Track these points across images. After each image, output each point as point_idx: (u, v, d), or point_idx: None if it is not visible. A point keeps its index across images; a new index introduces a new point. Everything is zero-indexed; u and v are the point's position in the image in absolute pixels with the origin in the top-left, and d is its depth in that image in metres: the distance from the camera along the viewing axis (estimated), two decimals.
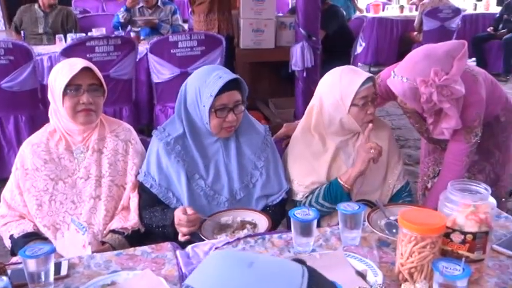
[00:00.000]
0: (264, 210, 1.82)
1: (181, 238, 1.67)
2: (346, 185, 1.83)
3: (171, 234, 1.71)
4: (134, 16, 4.94)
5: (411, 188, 2.04)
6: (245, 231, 1.62)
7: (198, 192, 1.80)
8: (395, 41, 7.33)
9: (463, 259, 1.22)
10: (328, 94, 1.88)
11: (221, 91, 1.70)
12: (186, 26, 5.82)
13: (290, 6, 7.35)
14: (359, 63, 7.06)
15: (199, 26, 4.50)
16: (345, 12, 7.52)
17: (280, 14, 5.59)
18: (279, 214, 1.89)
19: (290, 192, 1.93)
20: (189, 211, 1.65)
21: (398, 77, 1.93)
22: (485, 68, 7.52)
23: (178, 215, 1.66)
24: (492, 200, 1.33)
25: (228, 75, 1.73)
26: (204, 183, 1.81)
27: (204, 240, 1.58)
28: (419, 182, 2.69)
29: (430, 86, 1.86)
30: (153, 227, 1.78)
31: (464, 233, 1.28)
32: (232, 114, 1.75)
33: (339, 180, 1.86)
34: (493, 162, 2.38)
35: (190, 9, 5.41)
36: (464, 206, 1.30)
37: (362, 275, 1.32)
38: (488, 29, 7.49)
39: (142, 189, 1.84)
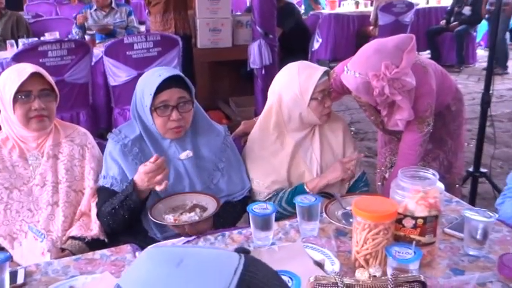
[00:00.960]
0: (225, 206, 1.82)
1: (159, 188, 1.63)
2: (311, 193, 1.82)
3: (137, 204, 1.66)
4: (88, 21, 4.84)
5: (367, 177, 2.08)
6: (192, 214, 1.62)
7: (159, 195, 1.77)
8: (352, 36, 7.47)
9: (414, 243, 1.26)
10: (286, 90, 1.89)
11: (161, 89, 1.69)
12: (143, 28, 5.76)
13: (248, 5, 7.37)
14: (318, 59, 7.16)
15: (155, 26, 4.46)
16: (302, 9, 7.67)
17: (239, 13, 5.62)
18: (240, 210, 1.90)
19: (252, 192, 1.93)
20: (152, 159, 1.61)
21: (351, 72, 1.98)
22: (439, 60, 7.82)
23: (144, 169, 1.61)
24: (440, 185, 1.38)
25: (167, 72, 1.72)
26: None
27: (154, 221, 1.59)
28: (378, 172, 2.76)
29: (381, 79, 1.91)
30: (116, 211, 1.68)
31: (415, 218, 1.33)
32: (176, 112, 1.72)
33: (305, 187, 1.87)
34: (446, 150, 2.46)
35: (147, 10, 5.36)
36: (414, 192, 1.34)
37: (320, 265, 1.36)
38: (441, 22, 7.72)
39: (100, 192, 1.80)
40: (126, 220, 1.71)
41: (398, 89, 1.95)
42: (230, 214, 1.83)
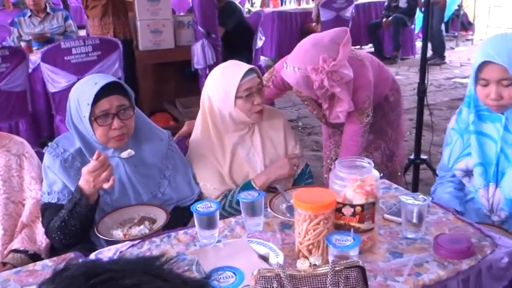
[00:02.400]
0: (175, 212, 1.81)
1: (106, 186, 1.57)
2: (260, 189, 1.79)
3: (87, 210, 1.59)
4: (23, 28, 4.67)
5: (311, 170, 2.12)
6: (141, 227, 1.61)
7: (105, 209, 1.71)
8: (296, 32, 7.56)
9: (352, 230, 1.30)
10: (213, 91, 1.89)
11: (99, 98, 1.62)
12: (83, 33, 5.62)
13: (191, 5, 7.34)
14: (263, 57, 7.22)
15: (94, 30, 4.37)
16: (246, 8, 7.70)
17: (181, 14, 5.58)
18: (190, 215, 1.88)
19: (202, 195, 1.90)
20: (95, 157, 1.56)
21: (290, 67, 2.01)
22: (381, 53, 8.04)
23: (88, 168, 1.55)
24: (376, 173, 1.43)
25: (103, 80, 1.65)
26: (110, 198, 1.73)
27: (100, 237, 1.55)
28: (324, 165, 2.82)
29: (320, 72, 1.95)
30: (66, 223, 1.60)
31: (354, 206, 1.37)
32: (117, 120, 1.66)
33: (252, 183, 1.87)
34: (387, 140, 2.55)
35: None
36: (351, 181, 1.39)
37: (265, 258, 1.38)
38: (383, 20, 7.89)
39: (46, 209, 1.70)
40: (78, 232, 1.63)
41: (337, 81, 2.00)
42: (181, 220, 1.79)
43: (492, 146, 1.79)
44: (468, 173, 1.87)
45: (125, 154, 1.71)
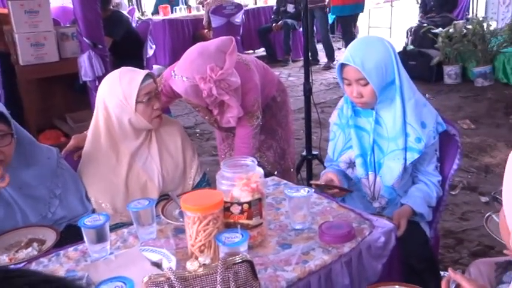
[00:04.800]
0: (68, 229, 1.74)
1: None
2: None
3: None
4: None
5: (209, 177, 2.13)
6: (29, 249, 1.54)
7: None
8: (189, 40, 7.57)
9: (239, 226, 1.35)
10: (110, 98, 1.85)
11: None
12: None
13: (74, 16, 7.06)
14: (156, 66, 7.15)
15: None
16: (136, 17, 7.56)
17: (67, 25, 5.34)
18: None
19: (95, 211, 1.84)
20: None
21: (178, 76, 2.03)
22: (274, 56, 8.29)
23: None
24: (259, 170, 1.49)
25: None
26: None
27: None
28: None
29: (208, 81, 1.99)
30: None
31: (241, 204, 1.42)
32: None
33: None
34: (277, 139, 2.65)
35: None
36: (237, 180, 1.43)
37: (158, 265, 1.38)
38: (273, 25, 8.14)
39: None
40: None
41: (225, 89, 2.05)
42: (74, 237, 1.72)
43: (367, 139, 1.94)
44: (351, 164, 2.01)
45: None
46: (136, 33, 4.86)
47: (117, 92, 1.83)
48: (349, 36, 7.37)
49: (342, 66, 1.85)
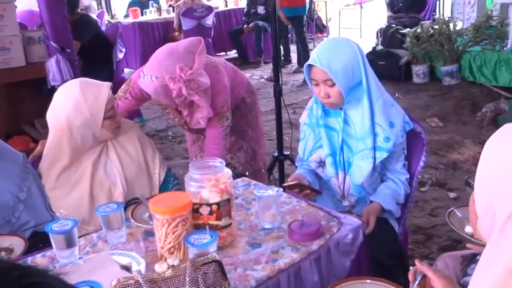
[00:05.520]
0: (33, 237, 1.72)
1: None
2: None
3: None
4: None
5: (174, 173, 2.12)
6: None
7: None
8: (160, 42, 7.50)
9: (207, 227, 1.36)
10: (75, 115, 1.80)
11: None
12: None
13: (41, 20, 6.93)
14: (127, 69, 7.09)
15: None
16: (106, 21, 7.48)
17: (32, 29, 5.25)
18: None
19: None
20: None
21: (147, 77, 2.02)
22: (247, 58, 8.30)
23: None
24: (228, 171, 1.50)
25: None
26: None
27: None
28: None
29: (178, 81, 1.99)
30: None
31: (210, 205, 1.43)
32: None
33: None
34: (248, 140, 2.67)
35: None
36: (206, 181, 1.44)
37: (127, 268, 1.38)
38: (244, 27, 8.15)
39: None
40: None
41: (195, 89, 2.05)
42: (43, 244, 1.70)
43: (337, 138, 1.97)
44: (321, 163, 2.03)
45: None
46: (106, 36, 4.80)
47: (82, 109, 1.79)
48: (300, 37, 7.34)
49: (310, 67, 1.88)
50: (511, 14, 5.42)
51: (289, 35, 8.33)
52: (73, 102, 1.80)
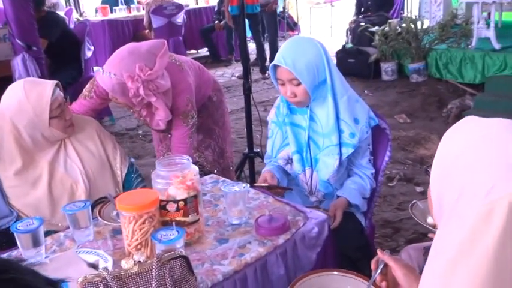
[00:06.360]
0: None
1: None
2: None
3: None
4: None
5: (137, 169, 2.11)
6: None
7: None
8: (130, 40, 7.38)
9: (174, 223, 1.37)
10: (20, 116, 1.76)
11: None
12: None
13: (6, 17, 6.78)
14: (97, 67, 6.98)
15: None
16: (75, 18, 7.36)
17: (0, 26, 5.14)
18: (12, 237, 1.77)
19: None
20: None
21: (106, 73, 2.01)
22: (218, 56, 8.27)
23: None
24: (195, 168, 1.51)
25: None
26: None
27: None
28: None
29: (136, 81, 1.98)
30: None
31: (177, 201, 1.44)
32: None
33: None
34: (215, 138, 2.68)
35: None
36: (173, 178, 1.45)
37: (94, 266, 1.38)
38: (215, 23, 8.14)
39: None
40: None
41: (153, 91, 2.05)
42: (7, 244, 1.68)
43: (303, 135, 2.01)
44: (289, 160, 2.06)
45: None
46: (73, 34, 4.73)
47: (27, 109, 1.76)
48: (257, 35, 7.30)
49: (275, 67, 1.90)
50: (476, 12, 5.56)
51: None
52: (16, 102, 1.77)
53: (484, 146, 0.82)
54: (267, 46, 7.97)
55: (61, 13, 5.71)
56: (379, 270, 1.26)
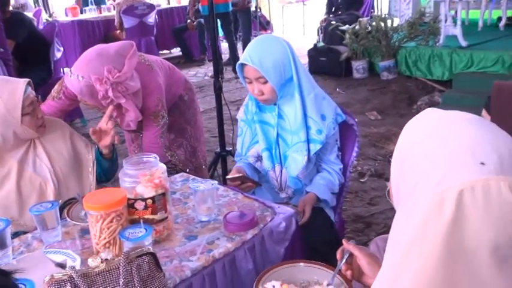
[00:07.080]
0: None
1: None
2: None
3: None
4: None
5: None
6: None
7: None
8: (100, 41, 7.36)
9: (141, 221, 1.38)
10: None
11: None
12: None
13: None
14: (67, 68, 6.90)
15: None
16: (45, 19, 7.24)
17: None
18: None
19: None
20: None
21: (74, 75, 2.00)
22: (191, 56, 8.21)
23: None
24: (162, 166, 1.52)
25: None
26: None
27: None
28: None
29: (104, 83, 1.98)
30: None
31: (145, 199, 1.45)
32: None
33: None
34: (187, 137, 2.69)
35: None
36: (140, 176, 1.46)
37: (62, 265, 1.38)
38: (188, 22, 8.11)
39: None
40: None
41: (122, 92, 2.05)
42: None
43: (272, 132, 2.03)
44: (259, 158, 2.09)
45: None
46: (41, 35, 4.66)
47: None
48: (229, 35, 7.29)
49: (242, 65, 1.93)
50: (443, 11, 5.68)
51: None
52: None
53: (439, 136, 0.84)
54: (240, 45, 8.00)
55: (30, 14, 5.62)
56: (344, 260, 1.29)
